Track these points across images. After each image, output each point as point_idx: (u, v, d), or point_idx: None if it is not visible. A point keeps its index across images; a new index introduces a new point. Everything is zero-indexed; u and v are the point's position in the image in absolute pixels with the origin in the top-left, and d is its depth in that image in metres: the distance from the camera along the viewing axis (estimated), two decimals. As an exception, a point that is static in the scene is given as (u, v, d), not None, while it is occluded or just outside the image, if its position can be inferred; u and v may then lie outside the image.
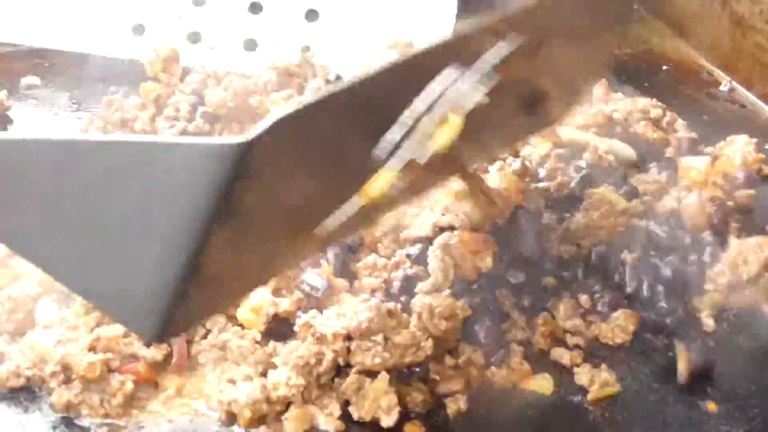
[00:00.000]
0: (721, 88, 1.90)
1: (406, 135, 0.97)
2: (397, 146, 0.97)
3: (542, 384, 1.15)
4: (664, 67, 1.98)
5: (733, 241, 1.34)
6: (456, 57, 0.99)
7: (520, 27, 1.04)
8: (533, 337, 1.21)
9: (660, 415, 1.11)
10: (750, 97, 1.85)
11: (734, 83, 1.89)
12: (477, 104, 0.99)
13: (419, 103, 0.97)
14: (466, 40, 1.03)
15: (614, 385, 1.15)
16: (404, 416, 1.09)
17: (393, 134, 0.96)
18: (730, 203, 1.43)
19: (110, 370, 1.10)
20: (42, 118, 1.73)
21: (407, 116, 0.96)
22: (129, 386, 1.09)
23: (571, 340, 1.21)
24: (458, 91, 0.99)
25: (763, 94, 1.83)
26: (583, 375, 1.15)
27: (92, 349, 1.10)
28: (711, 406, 1.12)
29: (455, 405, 1.11)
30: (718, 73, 1.94)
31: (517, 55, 1.04)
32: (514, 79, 1.07)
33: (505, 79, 1.02)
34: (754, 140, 1.58)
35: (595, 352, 1.20)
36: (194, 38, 1.83)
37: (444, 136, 1.00)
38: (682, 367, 1.16)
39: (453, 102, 0.99)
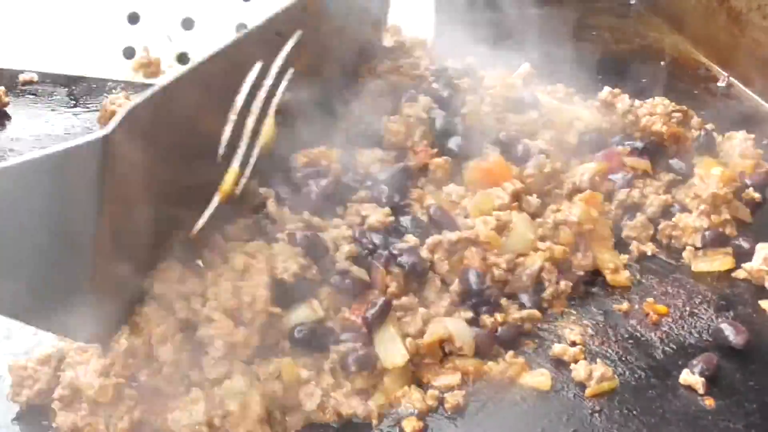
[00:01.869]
0: (719, 83, 1.90)
1: (237, 133, 1.15)
2: (233, 143, 1.15)
3: (540, 380, 1.15)
4: (662, 63, 1.99)
5: None
6: (262, 45, 1.18)
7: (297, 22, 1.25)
8: None
9: (658, 411, 1.11)
10: (748, 92, 1.85)
11: (732, 79, 1.90)
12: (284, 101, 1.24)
13: (240, 101, 1.14)
14: (267, 28, 1.19)
15: (612, 380, 1.15)
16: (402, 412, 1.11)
17: (226, 134, 1.13)
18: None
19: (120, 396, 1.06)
20: (40, 113, 1.73)
21: (233, 115, 1.13)
22: (137, 414, 1.05)
23: (569, 336, 1.22)
24: (272, 90, 1.20)
25: (761, 89, 1.83)
26: (581, 370, 1.16)
27: (104, 374, 1.06)
28: (709, 402, 1.12)
29: (453, 400, 1.11)
30: (716, 69, 1.95)
31: (301, 46, 1.24)
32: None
33: (300, 69, 1.23)
34: (752, 135, 1.58)
35: (594, 348, 1.21)
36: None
37: (265, 134, 1.22)
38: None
39: (268, 101, 1.20)
